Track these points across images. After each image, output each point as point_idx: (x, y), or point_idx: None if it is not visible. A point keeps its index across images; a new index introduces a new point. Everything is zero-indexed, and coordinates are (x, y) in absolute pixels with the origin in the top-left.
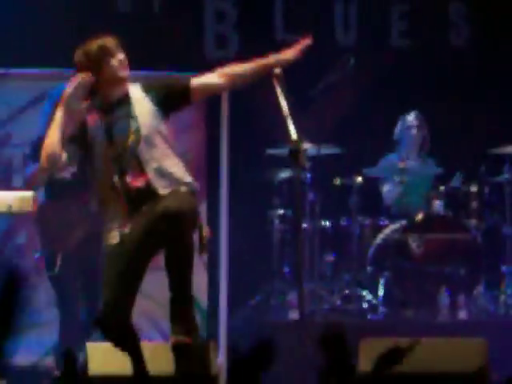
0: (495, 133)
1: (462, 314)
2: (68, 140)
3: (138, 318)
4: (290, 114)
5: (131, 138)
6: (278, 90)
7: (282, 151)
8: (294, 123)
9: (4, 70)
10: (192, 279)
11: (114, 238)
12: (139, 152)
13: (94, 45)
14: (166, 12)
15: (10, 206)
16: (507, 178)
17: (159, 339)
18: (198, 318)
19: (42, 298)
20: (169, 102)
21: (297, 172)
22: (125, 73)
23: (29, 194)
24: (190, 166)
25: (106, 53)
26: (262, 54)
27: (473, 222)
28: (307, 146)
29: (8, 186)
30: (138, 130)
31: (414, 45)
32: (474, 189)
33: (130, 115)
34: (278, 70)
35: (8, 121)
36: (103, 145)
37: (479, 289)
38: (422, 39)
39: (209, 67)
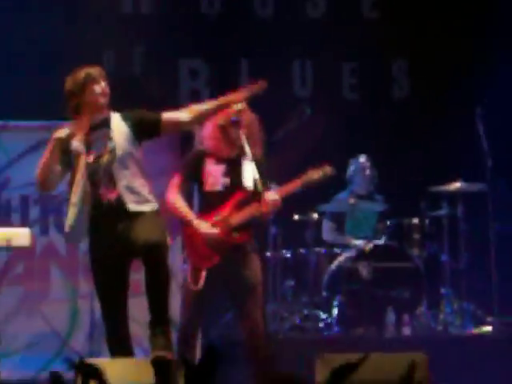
0: (433, 173)
1: (407, 331)
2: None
3: None
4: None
5: (107, 157)
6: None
7: None
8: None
9: (3, 122)
10: (168, 302)
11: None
12: (113, 170)
13: (82, 71)
14: (145, 71)
15: (10, 241)
16: (445, 213)
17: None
18: (174, 337)
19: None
20: (141, 129)
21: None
22: (104, 100)
23: (26, 230)
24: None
25: (90, 79)
26: None
27: (415, 250)
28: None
29: (8, 224)
30: (113, 151)
31: (362, 97)
32: (415, 222)
33: (108, 137)
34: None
35: (7, 167)
36: (82, 159)
37: (421, 308)
38: (368, 92)
39: None
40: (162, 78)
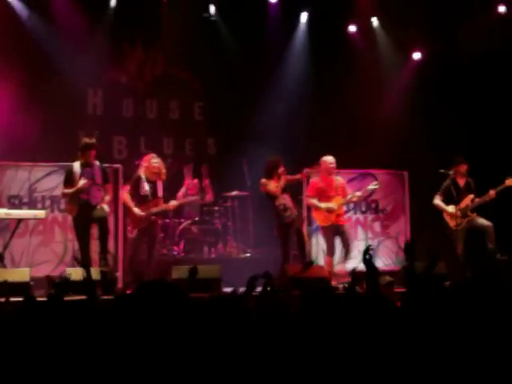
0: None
1: (213, 255)
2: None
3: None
4: None
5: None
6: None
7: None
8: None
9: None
10: (108, 243)
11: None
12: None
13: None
14: None
15: (36, 215)
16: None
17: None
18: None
19: None
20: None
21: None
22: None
23: (43, 211)
24: None
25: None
26: None
27: (216, 222)
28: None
29: (35, 209)
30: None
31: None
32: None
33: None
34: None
35: (35, 183)
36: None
37: (217, 247)
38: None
39: None
40: None
